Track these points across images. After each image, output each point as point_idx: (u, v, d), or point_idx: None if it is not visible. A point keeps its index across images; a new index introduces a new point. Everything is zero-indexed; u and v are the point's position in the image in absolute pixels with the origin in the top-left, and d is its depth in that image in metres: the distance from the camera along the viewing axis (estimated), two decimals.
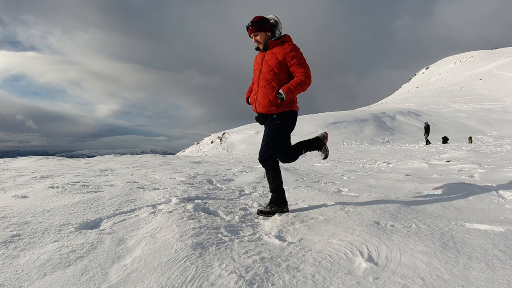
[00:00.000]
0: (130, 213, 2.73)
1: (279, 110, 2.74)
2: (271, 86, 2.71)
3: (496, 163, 6.28)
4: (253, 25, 2.73)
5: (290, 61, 2.67)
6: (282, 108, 2.75)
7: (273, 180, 2.87)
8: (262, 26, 2.73)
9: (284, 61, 2.69)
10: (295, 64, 2.66)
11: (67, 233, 2.22)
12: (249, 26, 2.75)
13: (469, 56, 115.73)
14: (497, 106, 45.52)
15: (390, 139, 30.25)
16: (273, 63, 2.71)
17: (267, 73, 2.74)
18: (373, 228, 2.37)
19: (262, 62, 2.79)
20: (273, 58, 2.72)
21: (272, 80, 2.72)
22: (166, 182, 4.35)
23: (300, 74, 2.64)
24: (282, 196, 2.89)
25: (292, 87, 2.62)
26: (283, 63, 2.70)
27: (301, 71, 2.64)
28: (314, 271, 1.77)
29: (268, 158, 2.84)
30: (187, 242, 2.08)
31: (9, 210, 2.65)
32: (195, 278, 1.68)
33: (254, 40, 2.81)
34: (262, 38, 2.76)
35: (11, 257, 1.86)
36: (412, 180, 4.64)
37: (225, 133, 33.95)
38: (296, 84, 2.63)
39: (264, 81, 2.75)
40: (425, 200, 3.24)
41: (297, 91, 2.65)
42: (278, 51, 2.71)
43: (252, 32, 2.76)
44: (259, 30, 2.73)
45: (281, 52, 2.69)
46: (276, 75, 2.71)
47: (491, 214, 2.69)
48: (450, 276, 1.67)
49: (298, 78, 2.64)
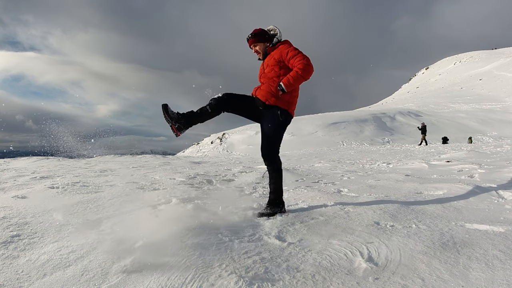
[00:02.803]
0: (130, 214, 2.73)
1: (277, 103, 2.80)
2: (273, 80, 2.83)
3: (496, 163, 6.28)
4: (253, 36, 2.94)
5: (286, 56, 2.77)
6: (281, 103, 2.81)
7: (276, 180, 2.92)
8: (261, 37, 2.93)
9: (281, 58, 2.81)
10: (291, 57, 2.73)
11: (67, 233, 2.23)
12: (249, 38, 2.96)
13: (469, 56, 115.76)
14: (497, 106, 45.53)
15: (390, 139, 30.26)
16: (272, 63, 2.85)
17: (269, 72, 2.87)
18: (373, 228, 2.37)
19: (263, 65, 2.96)
20: (271, 59, 2.87)
21: (273, 77, 2.84)
22: (166, 182, 4.35)
23: (298, 63, 2.69)
24: (281, 197, 2.93)
25: (291, 78, 2.68)
26: (281, 61, 2.82)
27: (298, 59, 2.69)
28: (314, 272, 1.77)
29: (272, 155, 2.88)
30: (187, 243, 2.08)
31: (9, 210, 2.65)
32: (195, 279, 1.68)
33: (253, 51, 3.01)
34: (261, 48, 2.96)
35: (11, 257, 1.86)
36: (412, 180, 4.64)
37: (225, 134, 33.95)
38: (295, 75, 2.68)
39: (267, 79, 2.88)
40: (425, 200, 3.24)
41: (297, 82, 2.70)
42: (275, 52, 2.88)
43: (252, 43, 2.96)
44: (258, 41, 2.94)
45: (277, 53, 2.85)
46: (276, 73, 2.83)
47: (491, 215, 2.69)
48: (450, 276, 1.67)
49: (297, 68, 2.69)
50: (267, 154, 2.88)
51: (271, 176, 2.93)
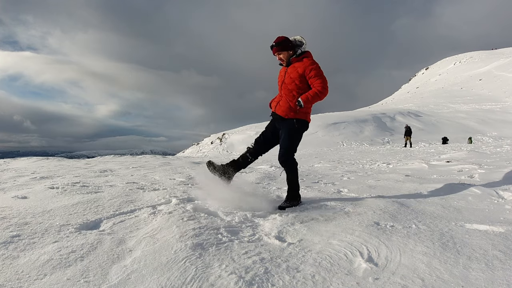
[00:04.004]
0: (130, 214, 2.72)
1: (296, 116, 3.11)
2: (292, 94, 3.09)
3: (496, 163, 6.28)
4: (276, 45, 3.10)
5: (309, 74, 3.02)
6: (299, 115, 3.11)
7: (293, 178, 3.18)
8: (284, 46, 3.09)
9: (303, 74, 3.04)
10: (313, 77, 3.00)
11: (67, 233, 2.22)
12: (273, 46, 3.12)
13: (469, 56, 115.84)
14: (497, 106, 45.54)
15: (390, 139, 30.26)
16: (294, 75, 3.07)
17: (289, 84, 3.11)
18: (373, 228, 2.37)
19: (285, 75, 3.16)
20: (294, 71, 3.08)
21: (293, 90, 3.09)
22: (166, 182, 4.35)
23: (318, 85, 2.98)
24: (298, 191, 3.23)
25: (310, 97, 2.97)
26: (303, 76, 3.05)
27: (318, 82, 2.99)
28: (314, 272, 1.77)
29: (289, 159, 3.14)
30: (187, 243, 2.08)
31: (9, 210, 2.65)
32: (195, 279, 1.68)
33: (277, 58, 3.20)
34: (284, 56, 3.13)
35: (11, 257, 1.86)
36: (412, 180, 4.64)
37: (225, 134, 33.96)
38: (313, 94, 2.97)
39: (287, 91, 3.13)
40: (425, 200, 3.24)
41: (314, 100, 3.00)
42: (299, 65, 3.07)
43: (276, 51, 3.14)
44: (282, 49, 3.10)
45: (301, 66, 3.05)
46: (297, 86, 3.08)
47: (491, 215, 2.69)
48: (450, 276, 1.67)
49: (316, 89, 2.98)
50: (285, 163, 3.15)
51: (288, 176, 3.20)
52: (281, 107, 3.14)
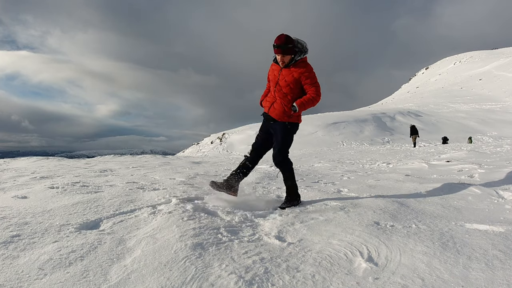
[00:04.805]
0: (130, 214, 2.72)
1: (289, 120, 3.17)
2: (287, 99, 3.13)
3: (496, 163, 6.28)
4: (283, 48, 3.03)
5: (305, 80, 3.07)
6: (292, 119, 3.18)
7: (290, 178, 3.24)
8: (288, 50, 3.05)
9: (299, 79, 3.08)
10: (309, 84, 3.07)
11: (67, 233, 2.22)
12: (278, 47, 3.05)
13: (469, 56, 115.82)
14: (497, 106, 45.55)
15: (390, 139, 30.26)
16: (289, 79, 3.09)
17: (284, 87, 3.12)
18: (373, 228, 2.37)
19: (279, 76, 3.15)
20: (290, 75, 3.09)
21: (288, 94, 3.12)
22: (166, 182, 4.35)
23: (312, 92, 3.06)
24: (297, 191, 3.27)
25: (305, 102, 3.05)
26: (298, 81, 3.09)
27: (313, 89, 3.06)
28: (314, 272, 1.77)
29: (283, 159, 3.19)
30: (187, 243, 2.08)
31: (9, 210, 2.65)
32: (194, 279, 1.68)
33: (279, 58, 3.12)
34: (287, 59, 3.11)
35: (11, 257, 1.86)
36: (412, 180, 4.65)
37: (224, 134, 33.96)
38: (308, 100, 3.05)
39: (281, 93, 3.15)
40: (425, 200, 3.25)
41: (308, 106, 3.07)
42: (295, 70, 3.08)
43: (279, 53, 3.08)
44: (285, 53, 3.06)
45: (297, 72, 3.07)
46: (291, 90, 3.11)
47: (491, 214, 2.69)
48: (449, 276, 1.67)
49: (310, 95, 3.06)
50: (280, 163, 3.21)
51: (284, 175, 3.25)
52: (276, 110, 3.17)
